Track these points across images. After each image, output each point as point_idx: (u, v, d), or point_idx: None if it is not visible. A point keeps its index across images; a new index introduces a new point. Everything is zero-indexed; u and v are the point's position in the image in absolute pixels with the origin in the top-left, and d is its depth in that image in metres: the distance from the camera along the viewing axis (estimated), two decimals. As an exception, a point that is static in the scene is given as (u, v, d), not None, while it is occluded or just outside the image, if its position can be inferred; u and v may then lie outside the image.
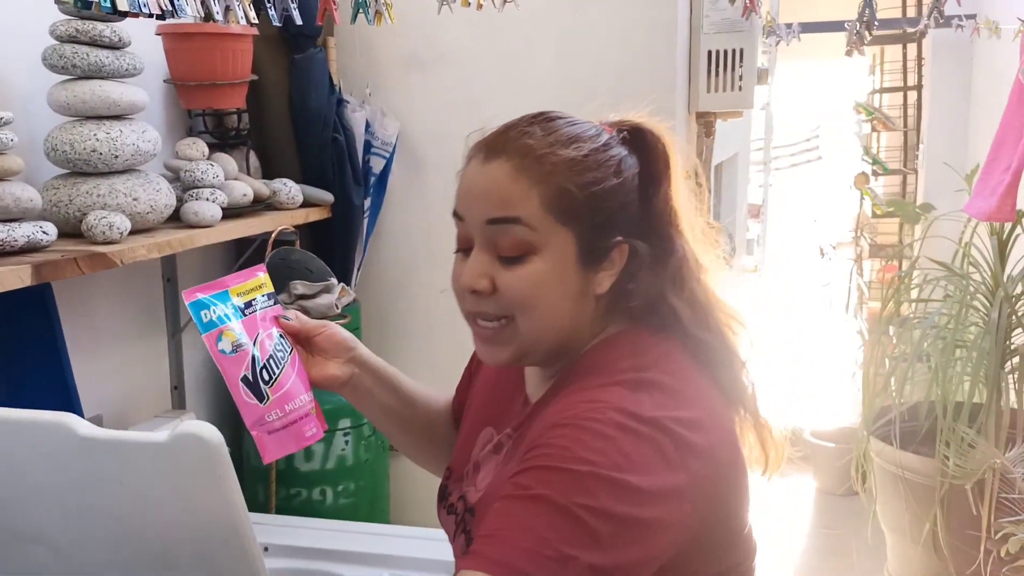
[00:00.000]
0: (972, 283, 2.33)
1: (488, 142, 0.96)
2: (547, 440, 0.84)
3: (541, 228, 0.91)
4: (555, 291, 0.93)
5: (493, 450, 1.03)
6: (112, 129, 1.63)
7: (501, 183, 0.92)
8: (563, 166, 0.92)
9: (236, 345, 1.03)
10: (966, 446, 2.06)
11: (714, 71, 2.23)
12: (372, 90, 2.36)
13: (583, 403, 0.87)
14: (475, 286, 0.94)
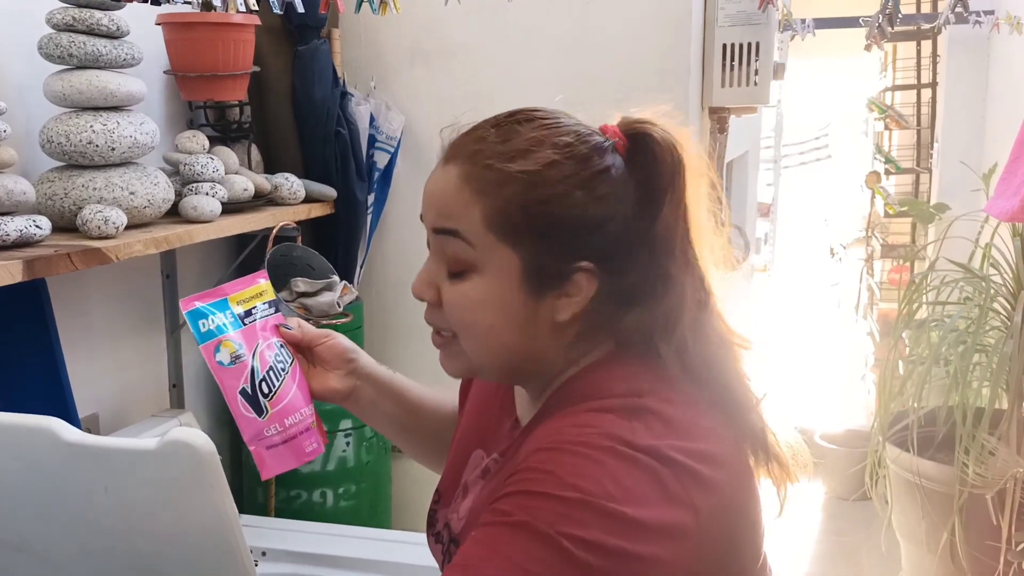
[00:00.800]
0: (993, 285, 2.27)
1: (451, 143, 0.88)
2: (530, 464, 0.75)
3: (480, 245, 0.83)
4: (492, 314, 0.84)
5: (481, 475, 0.95)
6: (109, 121, 1.59)
7: (446, 191, 0.84)
8: (513, 179, 0.81)
9: (235, 356, 1.00)
10: (987, 454, 2.01)
11: (729, 65, 2.17)
12: (377, 83, 2.32)
13: (570, 427, 0.78)
14: (421, 295, 0.89)
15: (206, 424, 2.18)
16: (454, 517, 0.96)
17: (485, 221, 0.82)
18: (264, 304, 1.06)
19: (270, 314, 1.05)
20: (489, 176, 0.82)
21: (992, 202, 2.24)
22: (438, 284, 0.87)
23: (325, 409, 2.18)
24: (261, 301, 1.06)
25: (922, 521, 2.29)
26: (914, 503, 2.32)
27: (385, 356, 2.43)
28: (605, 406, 0.80)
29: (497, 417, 1.00)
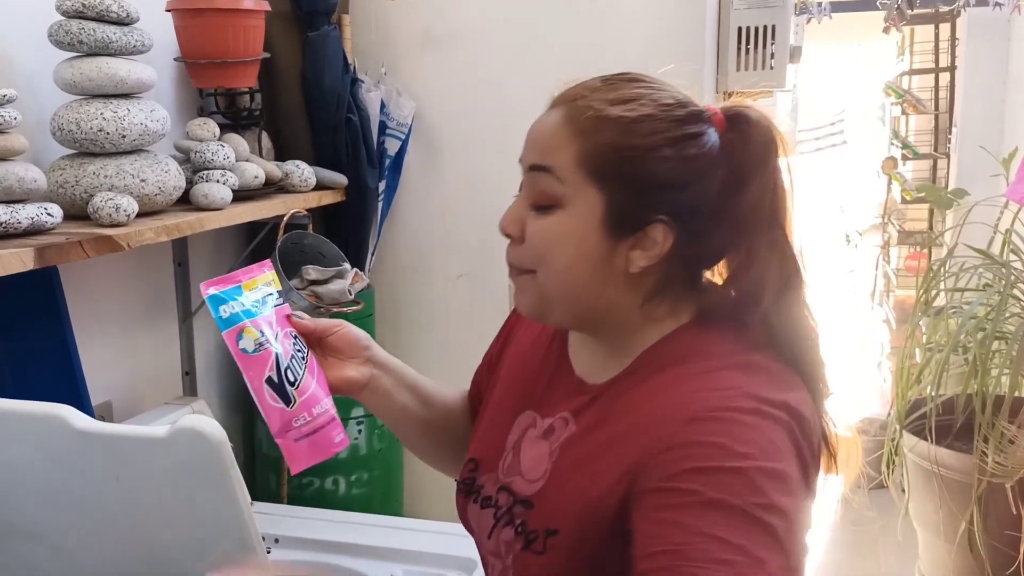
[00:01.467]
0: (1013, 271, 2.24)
1: (560, 92, 0.94)
2: (692, 438, 0.79)
3: (570, 182, 0.88)
4: (571, 249, 0.89)
5: (542, 436, 0.96)
6: (119, 108, 1.58)
7: (546, 131, 0.91)
8: (609, 124, 0.87)
9: (258, 344, 0.96)
10: (1006, 442, 1.98)
11: (744, 48, 2.14)
12: (387, 69, 2.30)
13: (709, 392, 0.82)
14: (506, 230, 0.93)
15: (219, 412, 2.18)
16: (517, 480, 0.95)
17: (578, 160, 0.87)
18: (274, 294, 1.03)
19: (279, 304, 1.03)
20: (588, 119, 0.88)
21: (1013, 187, 2.20)
22: (524, 221, 0.91)
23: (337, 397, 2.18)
24: (271, 290, 1.03)
25: (940, 510, 2.27)
26: (931, 492, 2.29)
27: (396, 344, 2.43)
28: (723, 364, 0.85)
29: (548, 379, 1.01)
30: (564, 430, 0.94)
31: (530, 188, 0.92)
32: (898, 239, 4.07)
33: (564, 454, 0.92)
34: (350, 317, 2.06)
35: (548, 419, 0.97)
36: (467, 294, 2.36)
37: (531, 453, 0.96)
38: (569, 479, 0.89)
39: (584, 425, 0.92)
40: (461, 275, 2.38)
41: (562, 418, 0.95)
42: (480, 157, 2.30)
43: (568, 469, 0.91)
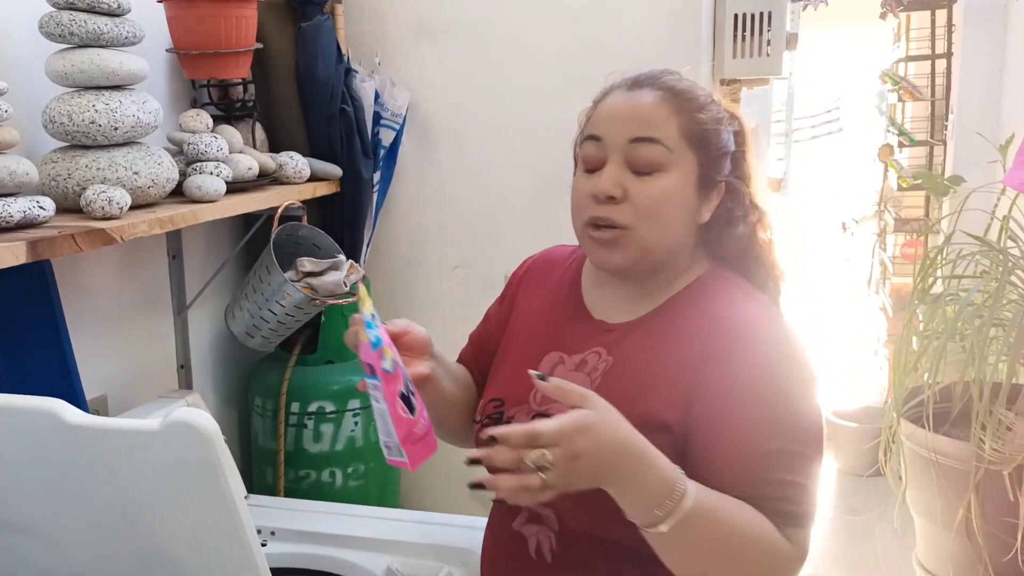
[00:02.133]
0: (1011, 258, 2.23)
1: (632, 78, 1.14)
2: (741, 349, 1.05)
3: (676, 150, 1.09)
4: (676, 206, 1.10)
5: (575, 368, 1.14)
6: (111, 100, 1.57)
7: (647, 109, 1.09)
8: (696, 103, 1.11)
9: (393, 362, 1.02)
10: (1004, 429, 1.98)
11: (740, 35, 2.13)
12: (381, 59, 2.28)
13: (745, 311, 1.09)
14: (612, 192, 1.08)
15: (214, 404, 2.17)
16: (553, 406, 1.05)
17: (681, 131, 1.09)
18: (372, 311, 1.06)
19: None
20: (681, 100, 1.10)
21: (1011, 173, 2.19)
22: (625, 184, 1.09)
23: (333, 389, 2.17)
24: (365, 307, 1.05)
25: (937, 498, 2.26)
26: (929, 480, 2.29)
27: (394, 335, 2.42)
28: (744, 295, 1.13)
29: (568, 324, 1.20)
30: (600, 361, 1.13)
31: (628, 157, 1.09)
32: (894, 226, 4.06)
33: (608, 379, 1.11)
34: (345, 308, 2.06)
35: (578, 355, 1.15)
36: (462, 285, 2.35)
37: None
38: (620, 397, 1.02)
39: (622, 355, 1.12)
40: (457, 266, 2.37)
41: (594, 352, 1.14)
42: (476, 147, 2.29)
43: (617, 390, 1.06)
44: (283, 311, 1.88)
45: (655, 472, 0.94)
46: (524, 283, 1.32)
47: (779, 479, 1.02)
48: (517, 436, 0.88)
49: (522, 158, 2.24)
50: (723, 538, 0.98)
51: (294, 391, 2.10)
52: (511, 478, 0.89)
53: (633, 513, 0.95)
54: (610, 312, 1.18)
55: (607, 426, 0.93)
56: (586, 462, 0.90)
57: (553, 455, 0.88)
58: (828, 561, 3.08)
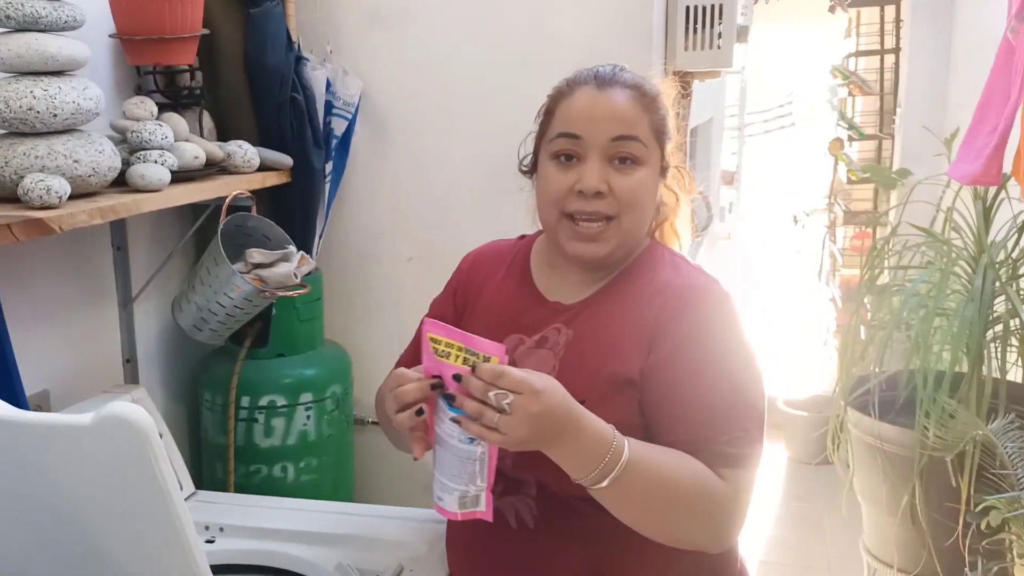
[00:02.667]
0: (954, 249, 2.28)
1: (596, 76, 1.22)
2: (691, 308, 1.18)
3: (650, 146, 1.20)
4: (651, 195, 1.23)
5: (536, 345, 1.23)
6: (50, 86, 1.53)
7: (624, 108, 1.19)
8: (657, 100, 1.22)
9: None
10: (947, 417, 2.02)
11: (692, 28, 2.14)
12: (333, 47, 2.25)
13: (692, 277, 1.23)
14: (600, 188, 1.17)
15: (162, 399, 2.13)
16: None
17: (651, 128, 1.20)
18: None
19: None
20: (648, 98, 1.21)
21: (955, 165, 2.24)
22: (608, 179, 1.18)
23: (285, 383, 2.14)
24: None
25: (883, 484, 2.31)
26: (875, 467, 2.33)
27: (346, 328, 2.39)
28: (688, 267, 1.26)
29: (525, 309, 1.28)
30: (560, 335, 1.22)
31: (608, 154, 1.18)
32: (844, 219, 4.13)
33: (571, 350, 1.20)
34: (297, 300, 2.03)
35: (537, 334, 1.24)
36: (417, 276, 2.33)
37: (531, 360, 1.22)
38: (586, 363, 1.18)
39: (581, 326, 1.22)
40: (411, 258, 2.35)
41: (554, 328, 1.23)
42: (430, 137, 2.27)
43: (581, 358, 1.19)
44: (232, 303, 1.85)
45: (592, 433, 1.03)
46: (472, 277, 1.37)
47: (724, 424, 1.12)
48: (485, 370, 0.98)
49: (476, 148, 2.22)
50: (659, 485, 1.07)
51: (244, 385, 2.06)
52: (474, 404, 0.98)
53: (576, 474, 1.04)
54: (564, 293, 1.26)
55: (559, 392, 1.02)
56: (540, 422, 0.98)
57: (513, 402, 0.97)
58: (778, 548, 3.13)
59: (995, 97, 2.06)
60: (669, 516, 1.09)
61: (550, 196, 1.20)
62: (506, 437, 0.98)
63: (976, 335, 2.09)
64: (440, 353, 1.01)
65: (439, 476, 1.05)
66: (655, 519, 1.09)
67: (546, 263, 1.31)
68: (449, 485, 1.03)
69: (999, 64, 2.07)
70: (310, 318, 2.15)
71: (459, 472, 1.03)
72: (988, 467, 1.96)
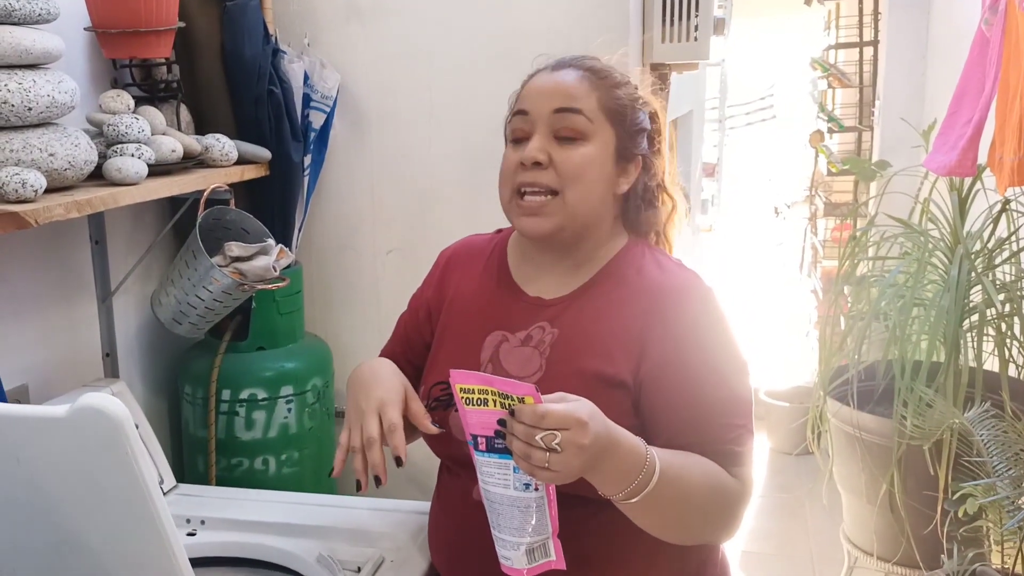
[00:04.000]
0: (931, 240, 2.30)
1: (555, 61, 1.24)
2: (683, 306, 1.18)
3: (596, 121, 1.19)
4: (596, 172, 1.20)
5: (521, 344, 1.22)
6: (25, 79, 1.52)
7: (569, 83, 1.20)
8: (613, 81, 1.22)
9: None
10: (924, 406, 2.04)
11: (669, 20, 2.14)
12: (311, 40, 2.24)
13: (677, 275, 1.22)
14: (537, 157, 1.17)
15: (142, 393, 2.12)
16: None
17: (600, 105, 1.20)
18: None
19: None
20: (600, 77, 1.21)
21: (930, 157, 2.25)
22: (549, 151, 1.18)
23: (265, 376, 2.14)
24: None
25: (862, 473, 2.33)
26: (854, 456, 2.35)
27: (326, 321, 2.39)
28: (672, 264, 1.24)
29: (505, 305, 1.27)
30: (545, 334, 1.22)
31: (552, 127, 1.18)
32: (824, 211, 4.15)
33: (557, 349, 1.20)
34: (276, 293, 2.03)
35: (521, 331, 1.23)
36: (397, 269, 2.33)
37: (516, 358, 1.21)
38: (573, 362, 1.17)
39: (567, 325, 1.21)
40: (391, 251, 2.35)
41: (538, 327, 1.22)
42: (408, 129, 2.26)
43: (568, 358, 1.18)
44: (211, 297, 1.84)
45: (628, 449, 1.01)
46: (449, 272, 1.36)
47: (725, 423, 1.14)
48: (527, 412, 0.94)
49: (454, 140, 2.22)
50: (685, 494, 1.07)
51: (225, 378, 2.06)
52: (521, 446, 0.94)
53: (609, 490, 1.02)
54: (544, 288, 1.26)
55: (598, 414, 0.99)
56: (590, 451, 0.96)
57: (563, 439, 0.94)
58: (760, 537, 3.15)
59: (970, 89, 2.07)
60: (691, 521, 1.11)
61: (502, 173, 1.23)
62: (559, 474, 0.95)
63: (952, 325, 2.11)
64: (475, 402, 0.96)
65: (499, 535, 1.00)
66: (677, 524, 1.10)
67: (522, 256, 1.31)
68: (513, 541, 0.98)
69: (974, 56, 2.09)
70: (290, 311, 2.15)
71: (521, 524, 0.98)
72: (965, 455, 1.98)
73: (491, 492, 1.00)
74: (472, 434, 0.99)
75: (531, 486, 0.97)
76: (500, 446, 0.97)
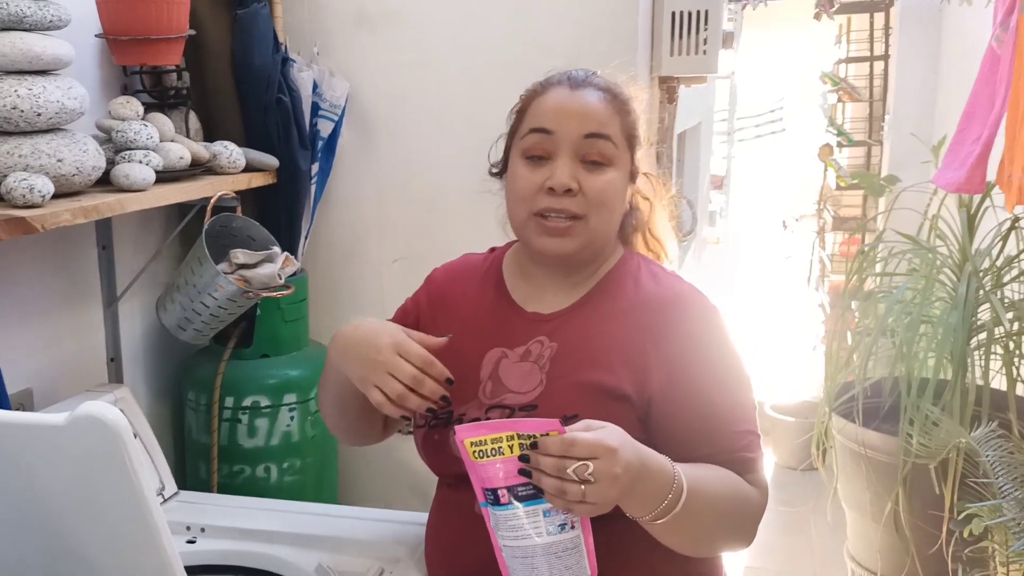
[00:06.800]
0: (939, 256, 2.28)
1: (569, 77, 1.23)
2: (684, 316, 1.18)
3: (620, 146, 1.20)
4: (619, 197, 1.22)
5: (520, 359, 1.21)
6: (35, 85, 1.53)
7: (597, 107, 1.19)
8: (629, 105, 1.23)
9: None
10: (930, 424, 2.03)
11: (678, 33, 2.14)
12: (320, 49, 2.25)
13: (675, 282, 1.23)
14: (571, 184, 1.16)
15: (146, 398, 2.13)
16: (507, 397, 1.20)
17: (622, 130, 1.21)
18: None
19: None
20: (619, 100, 1.22)
21: (939, 173, 2.25)
22: (578, 177, 1.17)
23: (269, 383, 2.13)
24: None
25: (867, 491, 2.32)
26: (859, 473, 2.34)
27: (331, 329, 2.36)
28: (667, 274, 1.25)
29: (502, 321, 1.26)
30: (544, 348, 1.21)
31: (580, 151, 1.18)
32: (833, 224, 4.14)
33: (557, 363, 1.19)
34: (281, 301, 2.03)
35: (520, 347, 1.22)
36: (403, 278, 2.33)
37: (516, 374, 1.20)
38: (574, 376, 1.16)
39: (566, 339, 1.20)
40: (397, 259, 2.35)
41: (537, 341, 1.21)
42: (416, 139, 2.27)
43: (568, 371, 1.17)
44: (216, 304, 1.85)
45: (656, 472, 1.00)
46: (443, 291, 1.35)
47: (738, 431, 1.14)
48: (553, 443, 0.91)
49: (461, 150, 2.22)
50: (711, 509, 1.06)
51: (228, 385, 2.06)
52: (553, 481, 0.90)
53: (638, 512, 1.00)
54: (542, 303, 1.25)
55: (627, 439, 0.97)
56: (624, 478, 0.93)
57: (595, 469, 0.90)
58: (764, 552, 3.13)
59: (980, 106, 2.07)
60: (716, 533, 1.11)
61: (520, 194, 1.20)
62: (596, 506, 0.92)
63: (960, 343, 2.10)
64: (488, 454, 0.90)
65: None
66: (704, 539, 1.09)
67: (520, 273, 1.30)
68: None
69: (984, 73, 2.08)
70: (295, 319, 2.15)
71: (561, 571, 0.93)
72: (971, 475, 1.96)
73: (521, 547, 0.93)
74: (488, 489, 0.92)
75: (567, 526, 0.92)
76: (525, 493, 0.91)
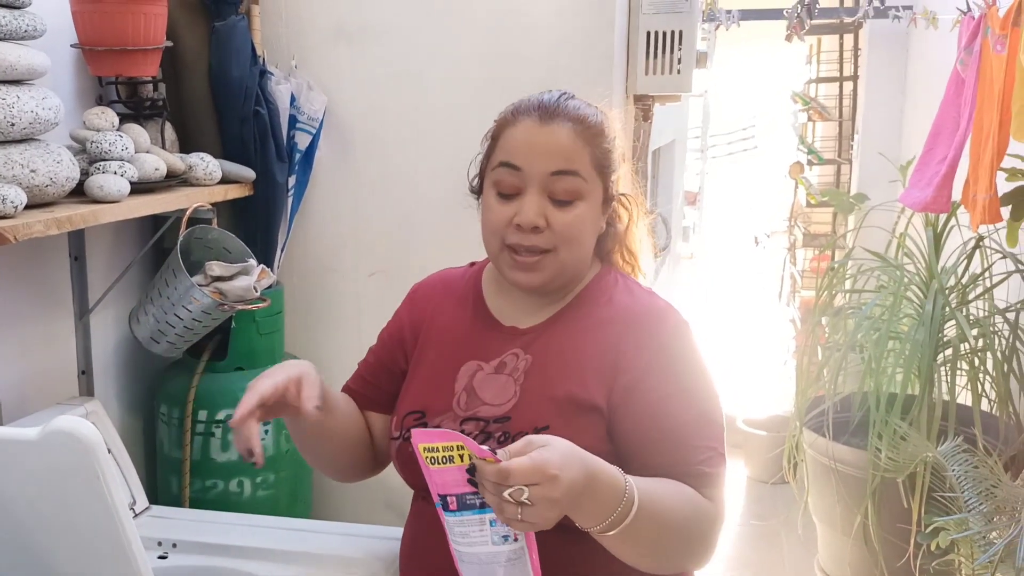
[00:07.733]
0: (907, 274, 2.33)
1: (540, 107, 1.20)
2: (657, 331, 1.20)
3: (590, 180, 1.19)
4: (590, 229, 1.22)
5: (495, 371, 1.22)
6: (8, 95, 1.52)
7: (565, 142, 1.17)
8: (600, 131, 1.21)
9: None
10: (898, 439, 2.06)
11: (653, 53, 2.17)
12: (298, 62, 2.25)
13: (647, 299, 1.24)
14: (537, 223, 1.16)
15: (117, 412, 2.11)
16: (482, 408, 1.21)
17: (592, 162, 1.19)
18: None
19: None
20: (590, 131, 1.20)
21: (906, 192, 2.29)
22: (546, 214, 1.17)
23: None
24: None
25: (837, 504, 2.34)
26: (829, 487, 2.37)
27: (307, 343, 2.38)
28: (641, 290, 1.27)
29: (479, 335, 1.27)
30: (519, 360, 1.22)
31: (547, 188, 1.17)
32: (803, 241, 4.20)
33: (531, 375, 1.20)
34: (256, 314, 2.02)
35: (495, 360, 1.23)
36: (379, 292, 2.33)
37: (491, 386, 1.21)
38: (547, 388, 1.17)
39: (540, 351, 1.22)
40: (373, 273, 2.35)
41: (512, 354, 1.23)
42: (393, 153, 2.27)
43: (542, 383, 1.19)
44: (190, 316, 1.84)
45: (606, 484, 0.99)
46: (423, 307, 1.36)
47: (699, 445, 1.13)
48: (489, 472, 0.91)
49: (439, 164, 2.23)
50: (664, 523, 1.05)
51: (202, 398, 2.04)
52: (493, 499, 0.92)
53: (586, 524, 1.00)
54: (519, 318, 1.26)
55: (574, 458, 0.96)
56: (565, 500, 0.93)
57: (532, 494, 0.91)
58: (736, 566, 3.15)
59: (945, 127, 2.11)
60: (669, 549, 1.09)
61: (491, 227, 1.21)
62: (535, 525, 0.93)
63: (927, 358, 2.13)
64: (441, 460, 0.91)
65: None
66: (656, 553, 1.08)
67: (497, 288, 1.31)
68: None
69: (949, 95, 2.13)
70: (270, 332, 2.14)
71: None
72: (938, 488, 1.99)
73: (469, 552, 0.96)
74: (441, 495, 0.95)
75: (509, 538, 0.94)
76: (473, 501, 0.93)
